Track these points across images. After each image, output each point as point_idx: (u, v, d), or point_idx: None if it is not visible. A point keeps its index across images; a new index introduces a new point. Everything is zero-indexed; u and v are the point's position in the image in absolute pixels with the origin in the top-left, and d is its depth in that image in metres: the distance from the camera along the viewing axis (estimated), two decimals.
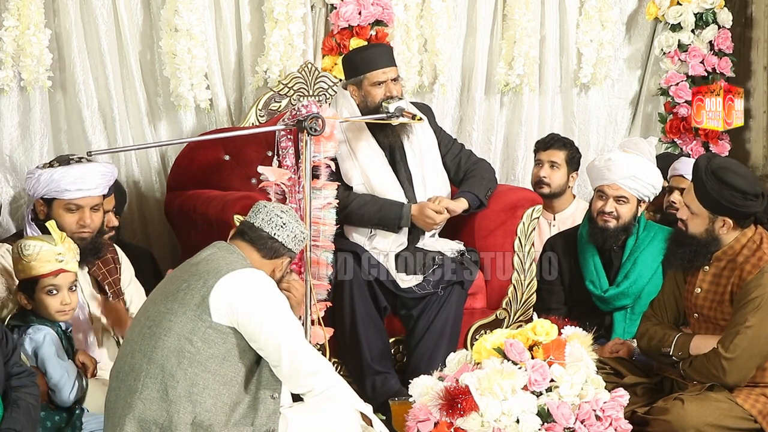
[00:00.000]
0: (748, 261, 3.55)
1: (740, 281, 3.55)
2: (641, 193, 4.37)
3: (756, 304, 3.47)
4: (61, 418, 3.44)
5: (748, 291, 3.50)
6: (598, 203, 4.40)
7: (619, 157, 4.37)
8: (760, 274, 3.50)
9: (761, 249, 3.56)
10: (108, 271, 3.95)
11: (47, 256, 3.46)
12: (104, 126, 4.98)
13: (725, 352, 3.49)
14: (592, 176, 4.46)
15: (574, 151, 5.09)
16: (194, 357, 3.03)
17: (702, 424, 3.43)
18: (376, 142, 4.42)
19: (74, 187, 3.78)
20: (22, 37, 4.67)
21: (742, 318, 3.49)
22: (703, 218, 3.58)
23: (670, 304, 3.81)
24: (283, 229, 3.27)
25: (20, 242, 3.49)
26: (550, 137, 5.12)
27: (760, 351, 3.50)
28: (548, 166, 5.04)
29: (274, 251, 3.27)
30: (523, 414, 3.22)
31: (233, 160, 4.82)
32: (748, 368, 3.51)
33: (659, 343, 3.72)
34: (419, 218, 4.33)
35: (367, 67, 4.38)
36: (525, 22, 5.45)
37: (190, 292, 3.08)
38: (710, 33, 5.66)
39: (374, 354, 4.24)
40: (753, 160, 5.90)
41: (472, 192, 4.45)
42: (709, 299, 3.64)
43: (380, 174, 4.39)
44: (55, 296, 3.49)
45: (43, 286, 3.48)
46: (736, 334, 3.48)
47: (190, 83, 4.99)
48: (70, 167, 3.79)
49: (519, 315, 4.56)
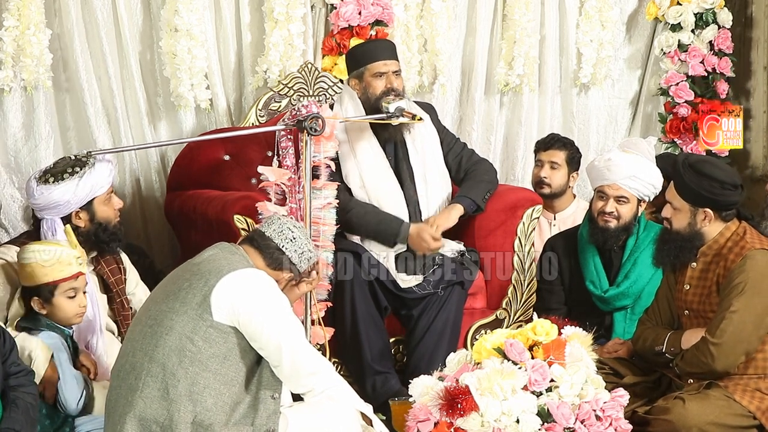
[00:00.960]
0: (732, 251, 3.62)
1: (725, 271, 3.61)
2: (641, 193, 4.37)
3: (740, 289, 3.53)
4: (52, 422, 3.43)
5: (732, 278, 3.56)
6: (598, 203, 4.40)
7: (619, 157, 4.37)
8: (743, 260, 3.56)
9: (744, 239, 3.62)
10: (111, 271, 3.96)
11: (68, 259, 3.46)
12: (108, 125, 4.99)
13: (712, 338, 3.54)
14: (592, 176, 4.46)
15: (575, 151, 5.09)
16: (195, 356, 3.03)
17: (703, 423, 3.44)
18: (377, 142, 4.43)
19: (107, 180, 3.83)
20: (23, 37, 4.67)
21: (727, 303, 3.54)
22: (685, 212, 3.65)
23: (663, 308, 3.86)
24: (293, 243, 3.28)
25: (33, 248, 3.47)
26: (550, 137, 5.12)
27: (747, 336, 3.54)
28: (549, 166, 5.04)
29: (278, 263, 3.27)
30: (523, 414, 3.22)
31: (233, 160, 4.82)
32: (736, 353, 3.55)
33: (652, 343, 3.76)
34: (415, 240, 4.32)
35: (369, 58, 4.39)
36: (525, 22, 5.46)
37: (192, 291, 3.08)
38: (710, 33, 5.66)
39: (374, 354, 4.24)
40: (753, 160, 5.90)
41: (468, 197, 4.45)
42: (698, 294, 3.69)
43: (379, 175, 4.39)
44: (74, 299, 3.51)
45: (64, 290, 3.48)
46: (722, 320, 3.53)
47: (190, 83, 4.99)
48: (94, 167, 3.79)
49: (519, 315, 4.56)
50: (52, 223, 3.75)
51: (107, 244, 3.86)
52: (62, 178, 3.73)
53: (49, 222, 3.75)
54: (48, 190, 3.72)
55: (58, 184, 3.72)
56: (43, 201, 3.73)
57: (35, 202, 3.76)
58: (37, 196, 3.73)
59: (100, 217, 3.82)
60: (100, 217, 3.83)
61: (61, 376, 3.41)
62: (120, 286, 3.96)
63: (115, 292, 3.94)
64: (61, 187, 3.71)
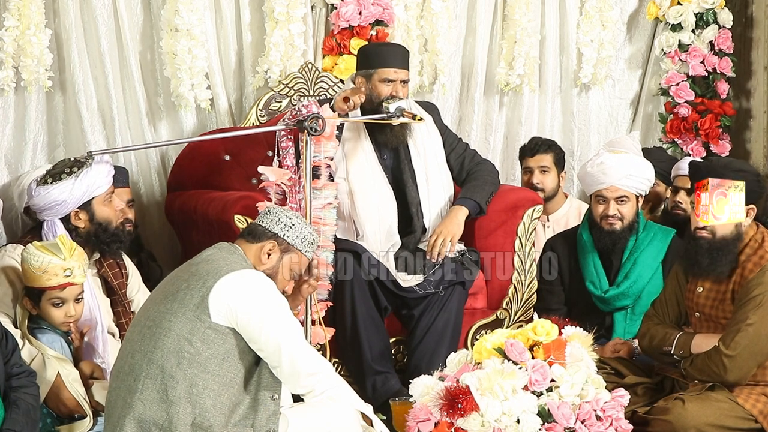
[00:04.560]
0: (750, 259, 3.57)
1: (742, 279, 3.56)
2: (638, 189, 4.39)
3: (757, 302, 3.49)
4: (53, 421, 3.44)
5: (749, 289, 3.52)
6: (599, 208, 4.39)
7: (611, 159, 4.37)
8: (762, 272, 3.52)
9: (763, 247, 3.58)
10: (113, 274, 3.97)
11: (55, 270, 3.47)
12: (103, 126, 4.98)
13: (726, 350, 3.50)
14: (587, 183, 4.44)
15: (560, 150, 5.11)
16: (194, 357, 3.03)
17: (703, 424, 3.44)
18: (371, 144, 4.41)
19: (105, 181, 3.86)
20: (23, 37, 4.67)
21: (743, 315, 3.50)
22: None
23: (671, 303, 3.82)
24: (293, 229, 3.28)
25: (29, 250, 3.49)
26: (533, 142, 5.11)
27: (761, 349, 3.51)
28: (539, 171, 5.04)
29: (263, 237, 3.27)
30: (523, 414, 3.22)
31: (234, 160, 4.82)
32: (749, 366, 3.52)
33: (660, 342, 3.73)
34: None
35: (381, 62, 4.38)
36: (525, 22, 5.46)
37: (190, 293, 3.08)
38: (711, 33, 5.66)
39: (375, 354, 4.23)
40: (753, 160, 5.90)
41: (473, 199, 4.44)
42: (711, 298, 3.65)
43: (367, 178, 4.35)
44: (60, 308, 3.52)
45: (49, 298, 3.50)
46: (738, 332, 3.49)
47: (191, 83, 4.99)
48: (91, 167, 3.81)
49: (519, 315, 4.56)
50: (52, 224, 3.77)
51: (108, 245, 3.87)
52: (60, 178, 3.79)
53: (49, 223, 3.78)
54: (46, 190, 3.77)
55: (56, 184, 3.77)
56: (42, 201, 3.77)
57: (35, 203, 3.79)
58: (36, 197, 3.78)
59: (99, 217, 3.84)
60: (100, 217, 3.84)
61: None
62: (122, 290, 3.97)
63: (118, 296, 3.95)
64: (59, 187, 3.76)
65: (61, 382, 3.42)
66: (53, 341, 3.51)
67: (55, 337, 3.52)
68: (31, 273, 3.47)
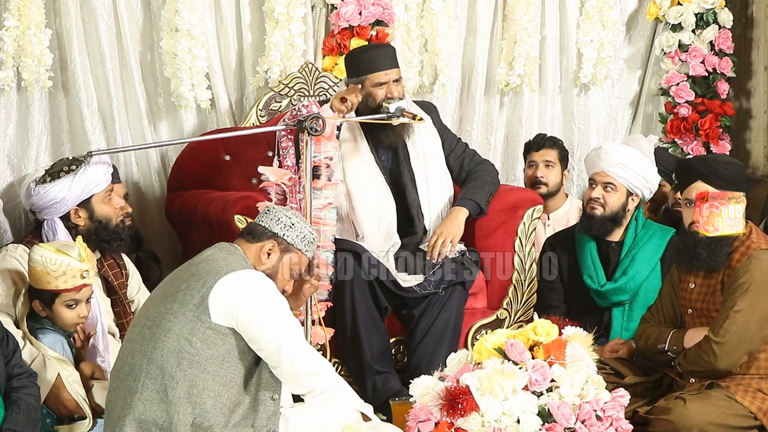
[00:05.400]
0: (737, 250, 3.63)
1: (729, 270, 3.62)
2: (630, 183, 4.37)
3: (744, 288, 3.54)
4: (53, 421, 3.44)
5: (736, 277, 3.58)
6: (588, 192, 4.45)
7: (610, 146, 4.46)
8: (748, 260, 3.58)
9: (750, 239, 3.64)
10: (114, 274, 3.97)
11: (73, 272, 3.47)
12: (104, 126, 4.98)
13: (716, 337, 3.55)
14: (587, 167, 4.53)
15: (564, 148, 5.14)
16: (194, 358, 3.02)
17: (704, 423, 3.45)
18: (368, 147, 4.41)
19: (103, 179, 3.87)
20: (23, 37, 4.66)
21: (731, 303, 3.56)
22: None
23: (667, 306, 3.88)
24: (292, 229, 3.28)
25: (41, 253, 3.47)
26: (540, 138, 5.14)
27: (751, 335, 3.55)
28: (543, 165, 5.05)
29: (263, 236, 3.27)
30: (523, 414, 3.22)
31: (234, 160, 4.82)
32: (739, 353, 3.56)
33: (655, 341, 3.78)
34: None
35: (370, 68, 4.36)
36: (525, 23, 5.46)
37: (190, 293, 3.08)
38: (711, 33, 5.66)
39: (375, 354, 4.23)
40: (753, 160, 5.90)
41: (473, 200, 4.45)
42: (702, 292, 3.71)
43: (361, 174, 4.35)
44: (74, 309, 3.52)
45: (65, 300, 3.50)
46: (726, 319, 3.55)
47: (191, 83, 4.99)
48: (89, 165, 3.82)
49: (520, 315, 4.56)
50: (52, 224, 3.78)
51: (108, 243, 3.88)
52: (58, 176, 3.81)
53: (49, 223, 3.78)
54: (44, 189, 3.79)
55: (54, 182, 3.79)
56: (41, 200, 3.78)
57: (34, 202, 3.80)
58: (35, 196, 3.79)
59: (99, 215, 3.85)
60: (99, 215, 3.85)
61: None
62: (123, 290, 3.97)
63: (118, 296, 3.95)
64: (57, 185, 3.78)
65: (61, 383, 3.42)
66: (55, 342, 3.51)
67: (57, 338, 3.52)
68: (45, 276, 3.45)
